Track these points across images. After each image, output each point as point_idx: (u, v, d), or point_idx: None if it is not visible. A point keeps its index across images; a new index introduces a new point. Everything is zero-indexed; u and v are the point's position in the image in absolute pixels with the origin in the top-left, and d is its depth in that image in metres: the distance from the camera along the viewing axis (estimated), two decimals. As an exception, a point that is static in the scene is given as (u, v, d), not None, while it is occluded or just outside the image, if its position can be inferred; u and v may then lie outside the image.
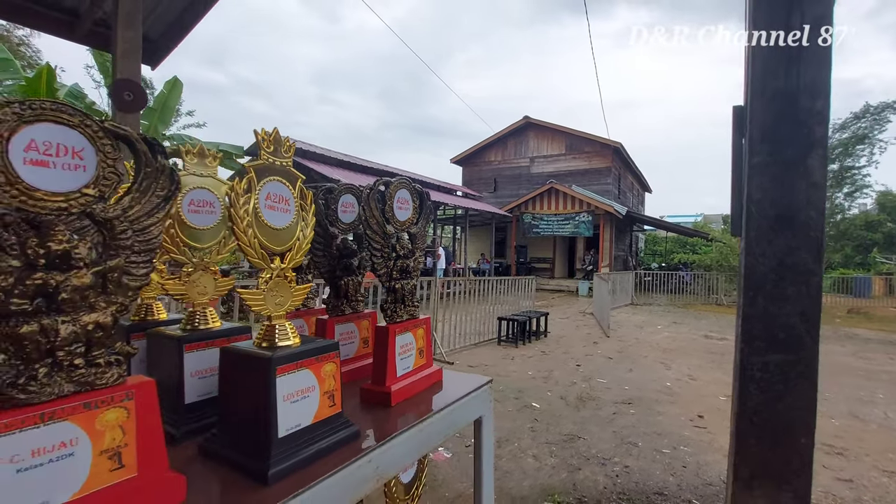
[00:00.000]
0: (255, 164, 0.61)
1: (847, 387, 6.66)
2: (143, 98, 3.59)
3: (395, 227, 0.83)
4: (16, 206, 0.39)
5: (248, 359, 0.56)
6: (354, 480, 0.58)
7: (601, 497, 3.56)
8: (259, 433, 0.53)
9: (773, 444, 1.19)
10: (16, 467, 0.38)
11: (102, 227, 0.44)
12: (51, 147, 0.40)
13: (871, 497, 3.65)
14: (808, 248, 1.16)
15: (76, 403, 0.42)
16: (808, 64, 1.17)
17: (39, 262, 0.40)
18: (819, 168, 1.18)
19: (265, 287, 0.59)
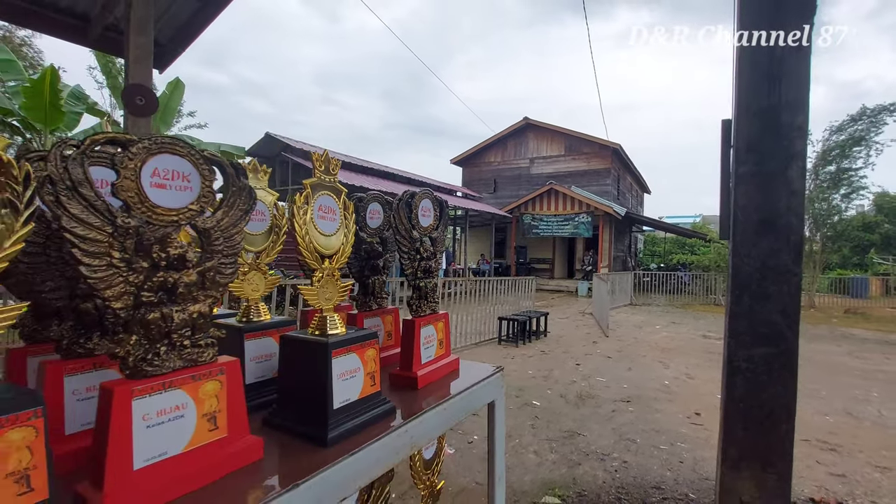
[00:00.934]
0: (311, 182, 0.72)
1: (843, 385, 6.79)
2: (155, 102, 3.71)
3: (419, 233, 0.94)
4: (144, 219, 0.50)
5: (307, 344, 0.67)
6: (394, 447, 0.70)
7: (600, 491, 3.68)
8: (318, 405, 0.65)
9: (758, 429, 1.31)
10: (146, 423, 0.49)
11: (201, 235, 0.55)
12: (168, 173, 0.52)
13: (863, 492, 3.78)
14: (788, 250, 1.28)
15: (186, 376, 0.53)
16: (788, 83, 1.29)
17: (161, 263, 0.51)
18: (798, 178, 1.29)
19: (318, 284, 0.70)
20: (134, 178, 0.49)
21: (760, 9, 1.34)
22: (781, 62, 1.30)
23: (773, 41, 1.29)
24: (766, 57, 1.31)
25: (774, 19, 1.30)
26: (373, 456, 0.66)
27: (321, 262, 0.72)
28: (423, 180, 18.40)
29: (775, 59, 1.30)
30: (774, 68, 1.30)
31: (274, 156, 12.84)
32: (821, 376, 7.29)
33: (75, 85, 10.27)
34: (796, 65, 1.29)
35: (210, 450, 0.55)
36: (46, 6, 4.21)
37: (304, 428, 0.65)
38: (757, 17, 1.34)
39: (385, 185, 13.66)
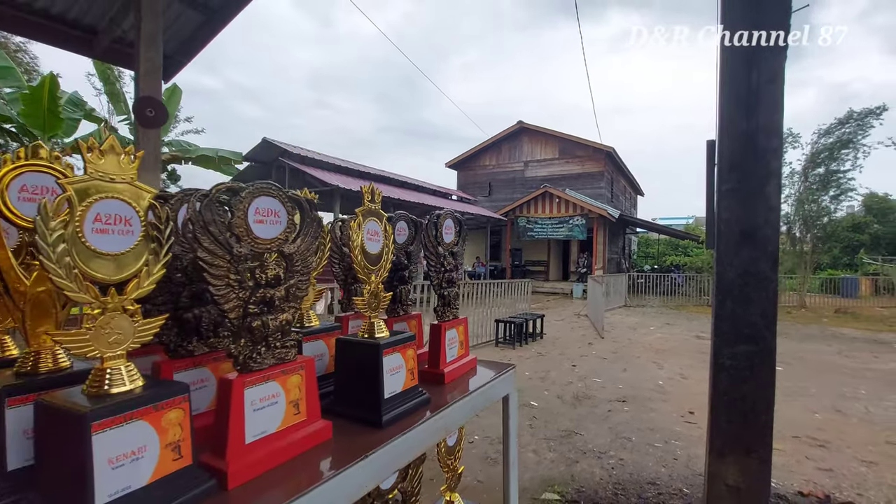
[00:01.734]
0: (362, 210, 0.87)
1: (832, 384, 7.01)
2: (164, 114, 3.84)
3: (444, 249, 1.09)
4: (249, 248, 0.64)
5: (363, 345, 0.82)
6: (431, 431, 0.84)
7: (598, 487, 3.83)
8: (373, 395, 0.79)
9: (741, 419, 1.47)
10: (253, 407, 0.64)
11: (286, 259, 0.70)
12: (265, 211, 0.66)
13: (850, 485, 3.97)
14: (766, 259, 1.45)
15: (278, 370, 0.68)
16: (764, 110, 1.46)
17: (262, 282, 0.65)
18: (775, 194, 1.46)
19: (367, 295, 0.85)
20: (243, 217, 0.63)
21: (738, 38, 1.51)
22: (758, 91, 1.47)
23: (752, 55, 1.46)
24: (744, 87, 1.48)
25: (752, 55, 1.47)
26: (416, 437, 0.80)
27: (370, 277, 0.87)
28: (418, 184, 18.56)
29: (752, 89, 1.47)
30: (752, 97, 1.47)
31: (271, 161, 12.94)
32: (811, 375, 7.50)
33: (73, 91, 10.33)
34: (771, 94, 1.46)
35: (295, 430, 0.69)
36: (55, 19, 4.33)
37: (362, 413, 0.79)
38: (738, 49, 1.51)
39: (382, 190, 13.78)
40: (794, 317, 14.09)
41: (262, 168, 13.08)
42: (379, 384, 0.79)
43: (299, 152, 12.72)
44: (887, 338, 10.79)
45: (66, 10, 4.26)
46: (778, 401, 5.01)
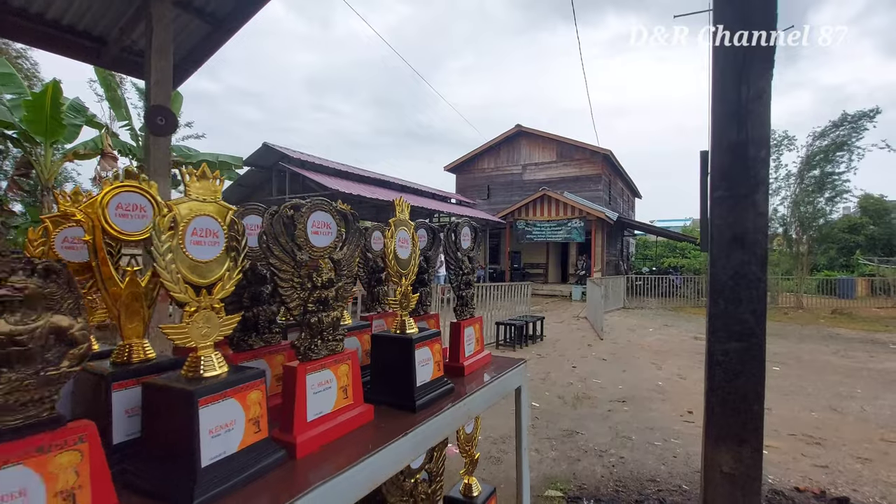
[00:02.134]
0: (394, 220, 0.98)
1: (828, 383, 7.14)
2: (174, 123, 3.96)
3: (462, 254, 1.21)
4: (308, 255, 0.76)
5: (397, 340, 0.93)
6: (456, 415, 0.96)
7: (599, 484, 3.94)
8: (407, 384, 0.90)
9: (734, 411, 1.59)
10: (313, 391, 0.75)
11: (336, 264, 0.81)
12: (320, 223, 0.78)
13: (845, 481, 4.09)
14: (755, 262, 1.57)
15: (331, 360, 0.79)
16: (753, 123, 1.58)
17: (318, 284, 0.76)
18: (763, 201, 1.59)
19: (400, 294, 0.96)
20: (303, 229, 0.75)
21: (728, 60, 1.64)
22: (747, 107, 1.59)
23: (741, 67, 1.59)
24: (734, 103, 1.60)
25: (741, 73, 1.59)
26: (443, 420, 0.92)
27: (401, 280, 0.98)
28: (418, 188, 18.69)
29: (741, 105, 1.59)
30: (741, 112, 1.59)
31: (271, 165, 13.05)
32: (808, 375, 7.63)
33: (74, 98, 10.42)
34: (759, 109, 1.59)
35: (344, 411, 0.80)
36: (65, 30, 4.44)
37: (398, 399, 0.90)
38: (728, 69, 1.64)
39: (381, 194, 13.92)
40: (792, 318, 14.24)
41: (262, 173, 13.19)
42: (412, 374, 0.91)
43: (299, 157, 12.84)
44: (883, 338, 10.93)
45: (77, 20, 4.37)
46: (775, 400, 5.15)
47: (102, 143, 9.68)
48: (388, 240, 0.93)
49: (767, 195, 1.60)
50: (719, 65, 1.65)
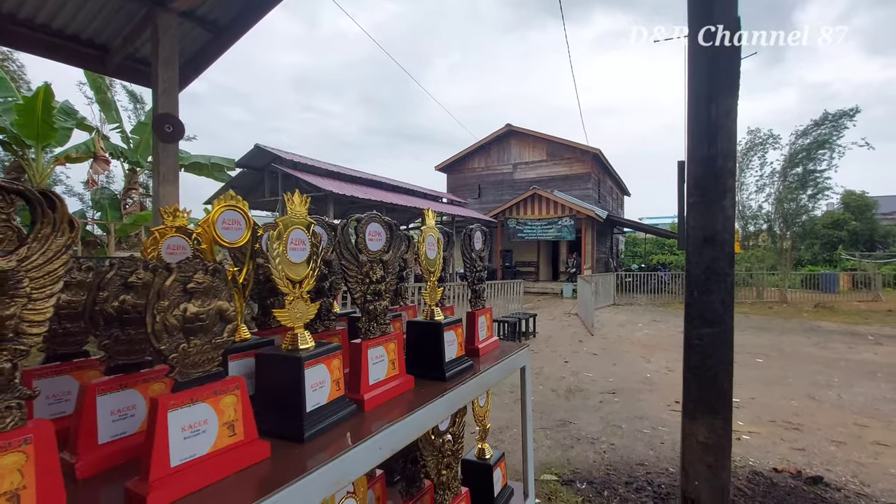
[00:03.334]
0: (422, 227, 1.21)
1: (808, 373, 7.51)
2: (181, 130, 4.14)
3: (475, 255, 1.44)
4: (367, 258, 0.99)
5: (429, 325, 1.16)
6: (476, 386, 1.19)
7: (591, 468, 4.22)
8: (437, 360, 1.13)
9: (708, 387, 1.85)
10: (373, 362, 0.98)
11: (384, 265, 1.04)
12: (374, 232, 1.01)
13: (820, 462, 4.41)
14: (724, 258, 1.83)
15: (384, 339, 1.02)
16: (721, 138, 1.84)
17: (374, 279, 1.00)
18: (730, 206, 1.85)
19: (430, 288, 1.19)
20: (363, 237, 0.97)
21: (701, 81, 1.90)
22: (717, 124, 1.85)
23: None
24: (705, 120, 1.86)
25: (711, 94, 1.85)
26: (466, 390, 1.15)
27: (430, 277, 1.21)
28: (410, 188, 18.89)
29: (712, 122, 1.85)
30: (712, 129, 1.85)
31: (263, 167, 13.17)
32: (789, 365, 8.01)
33: (64, 100, 10.43)
34: (727, 126, 1.85)
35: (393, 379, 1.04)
36: (70, 38, 4.58)
37: (429, 372, 1.13)
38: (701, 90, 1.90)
39: (374, 194, 14.11)
40: (776, 312, 14.72)
41: (254, 174, 13.30)
42: (442, 351, 1.14)
43: (291, 158, 12.98)
44: (862, 330, 11.41)
45: (82, 30, 4.53)
46: (758, 389, 5.48)
47: (94, 147, 9.73)
48: (420, 243, 1.16)
49: (734, 201, 1.86)
50: (693, 86, 1.91)
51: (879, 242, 25.77)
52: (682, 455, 1.91)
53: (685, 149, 1.96)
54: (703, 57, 1.88)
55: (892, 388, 6.64)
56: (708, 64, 1.88)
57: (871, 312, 14.29)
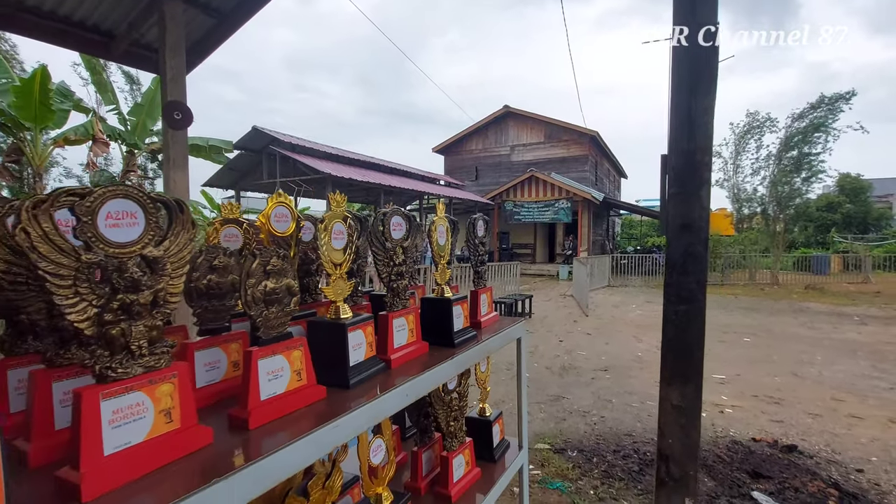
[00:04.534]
0: (436, 217, 1.42)
1: (793, 352, 7.85)
2: (190, 117, 4.29)
3: (478, 240, 1.66)
4: (391, 245, 1.20)
5: (440, 300, 1.39)
6: (479, 352, 1.42)
7: (582, 438, 4.53)
8: (447, 329, 1.36)
9: (682, 357, 2.10)
10: (397, 329, 1.20)
11: (404, 250, 1.26)
12: (396, 223, 1.22)
13: (796, 432, 4.74)
14: (699, 243, 2.06)
15: (405, 312, 1.25)
16: (699, 134, 2.05)
17: (396, 262, 1.21)
18: (706, 196, 2.07)
19: (441, 270, 1.41)
20: (388, 227, 1.19)
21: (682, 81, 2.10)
22: (696, 121, 2.06)
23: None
24: (686, 118, 2.07)
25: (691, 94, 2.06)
26: (471, 354, 1.38)
27: (440, 260, 1.43)
28: (407, 170, 18.98)
29: (691, 119, 2.06)
30: (691, 125, 2.06)
31: (261, 148, 13.23)
32: (776, 345, 8.35)
33: (60, 81, 10.41)
34: (705, 123, 2.06)
35: (412, 345, 1.26)
36: (75, 25, 4.68)
37: (442, 340, 1.36)
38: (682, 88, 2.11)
39: (371, 177, 14.22)
40: (767, 293, 15.09)
41: (252, 156, 13.37)
42: (451, 323, 1.36)
43: (289, 140, 13.04)
44: (848, 311, 11.78)
45: (87, 16, 4.61)
46: (743, 367, 5.82)
47: (93, 129, 9.79)
48: (433, 231, 1.38)
49: (710, 192, 2.09)
50: (675, 84, 2.11)
51: (872, 225, 26.14)
52: (659, 417, 2.17)
53: (667, 142, 2.17)
54: (685, 58, 2.08)
55: (870, 365, 6.99)
56: (689, 64, 2.08)
57: (860, 294, 14.66)
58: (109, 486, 0.60)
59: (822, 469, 4.01)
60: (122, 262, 0.66)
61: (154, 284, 0.69)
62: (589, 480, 3.74)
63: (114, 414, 0.63)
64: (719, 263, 17.58)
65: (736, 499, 3.53)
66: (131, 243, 0.68)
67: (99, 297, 0.63)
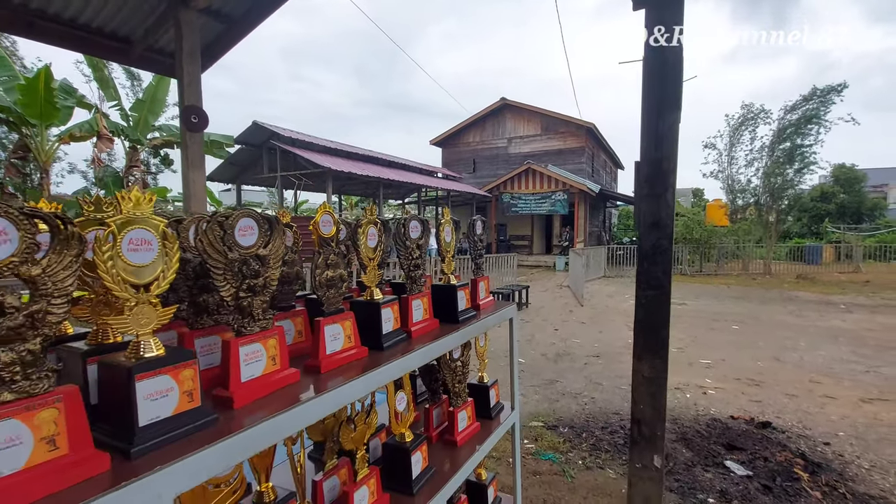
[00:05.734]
0: (444, 220, 1.79)
1: (777, 338, 8.28)
2: (206, 120, 4.64)
3: (477, 237, 2.03)
4: (411, 244, 1.57)
5: (448, 287, 1.76)
6: (477, 327, 1.80)
7: (573, 417, 4.94)
8: (454, 309, 1.74)
9: (650, 335, 2.49)
10: (415, 308, 1.57)
11: (418, 247, 1.62)
12: (413, 226, 1.58)
13: (772, 411, 5.16)
14: (665, 238, 2.44)
15: (421, 295, 1.62)
16: (665, 145, 2.42)
17: (414, 256, 1.58)
18: (671, 198, 2.44)
19: (447, 262, 1.78)
20: (408, 230, 1.56)
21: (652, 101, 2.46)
22: (663, 134, 2.43)
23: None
24: (654, 131, 2.44)
25: (658, 111, 2.43)
26: (472, 329, 1.76)
27: (448, 254, 1.80)
28: (405, 163, 19.28)
29: (659, 133, 2.43)
30: (659, 138, 2.43)
31: (261, 143, 13.52)
32: (762, 332, 8.78)
33: (62, 79, 10.67)
34: (670, 136, 2.43)
35: (426, 321, 1.63)
36: (94, 32, 4.99)
37: (449, 318, 1.74)
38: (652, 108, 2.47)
39: (371, 170, 14.54)
40: (759, 283, 15.55)
41: (253, 151, 13.66)
42: (456, 304, 1.73)
43: (289, 135, 13.33)
44: (836, 299, 12.23)
45: (106, 24, 4.93)
46: (729, 352, 6.26)
47: (97, 125, 10.07)
48: (441, 231, 1.74)
49: (675, 194, 2.46)
50: (645, 101, 2.48)
51: (866, 215, 26.62)
52: (632, 387, 2.56)
53: (639, 152, 2.55)
54: (653, 78, 2.44)
55: (850, 350, 7.42)
56: (658, 84, 2.44)
57: (850, 283, 15.11)
58: (248, 401, 0.98)
59: (792, 442, 4.42)
60: (246, 259, 1.02)
61: (265, 272, 1.06)
62: (578, 453, 4.15)
63: (246, 357, 1.00)
64: (713, 254, 18.03)
65: (710, 467, 3.95)
66: (249, 247, 1.04)
67: (235, 282, 1.00)
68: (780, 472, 3.82)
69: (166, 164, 12.03)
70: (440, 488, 1.52)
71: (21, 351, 0.68)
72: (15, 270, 0.68)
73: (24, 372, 0.68)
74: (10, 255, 0.66)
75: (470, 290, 1.93)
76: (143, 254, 0.83)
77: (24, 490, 0.64)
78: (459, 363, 1.89)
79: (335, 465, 1.36)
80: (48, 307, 0.71)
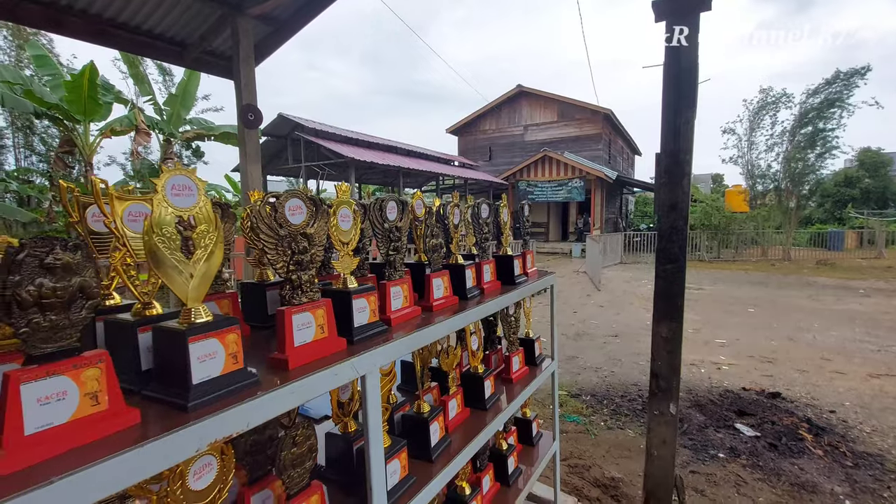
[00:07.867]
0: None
1: (793, 320, 8.60)
2: (260, 117, 5.15)
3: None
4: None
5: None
6: (529, 289, 2.26)
7: (595, 387, 5.41)
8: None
9: (668, 301, 2.94)
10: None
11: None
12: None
13: (782, 384, 5.56)
14: (681, 219, 2.87)
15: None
16: (682, 139, 2.85)
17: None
18: (687, 185, 2.88)
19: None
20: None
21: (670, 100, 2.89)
22: (680, 129, 2.86)
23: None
24: (673, 126, 2.87)
25: (676, 109, 2.85)
26: (525, 288, 2.23)
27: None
28: (423, 152, 19.71)
29: (677, 128, 2.86)
30: (677, 132, 2.86)
31: (286, 134, 14.07)
32: (778, 314, 9.10)
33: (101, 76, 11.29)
34: (686, 131, 2.85)
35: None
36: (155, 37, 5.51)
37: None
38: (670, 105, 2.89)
39: (390, 159, 15.02)
40: (778, 268, 15.71)
41: (278, 142, 14.22)
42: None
43: (313, 126, 13.85)
44: (855, 284, 12.40)
45: (166, 30, 5.43)
46: (744, 332, 6.69)
47: (136, 120, 10.68)
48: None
49: (690, 182, 2.89)
50: (665, 100, 2.90)
51: (892, 200, 26.30)
52: (651, 346, 3.02)
53: (660, 145, 2.98)
54: (672, 80, 2.87)
55: (864, 332, 7.71)
56: (674, 86, 2.86)
57: (871, 269, 15.17)
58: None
59: (799, 410, 4.84)
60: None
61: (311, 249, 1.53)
62: (600, 416, 4.63)
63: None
64: (732, 240, 18.17)
65: (721, 429, 4.40)
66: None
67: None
68: (785, 433, 4.26)
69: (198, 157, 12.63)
70: (502, 409, 2.01)
71: (311, 275, 1.16)
72: (304, 230, 1.17)
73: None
74: (302, 221, 1.17)
75: (522, 260, 2.40)
76: (345, 222, 1.33)
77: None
78: (513, 319, 2.37)
79: (428, 388, 1.86)
80: (313, 253, 1.19)
